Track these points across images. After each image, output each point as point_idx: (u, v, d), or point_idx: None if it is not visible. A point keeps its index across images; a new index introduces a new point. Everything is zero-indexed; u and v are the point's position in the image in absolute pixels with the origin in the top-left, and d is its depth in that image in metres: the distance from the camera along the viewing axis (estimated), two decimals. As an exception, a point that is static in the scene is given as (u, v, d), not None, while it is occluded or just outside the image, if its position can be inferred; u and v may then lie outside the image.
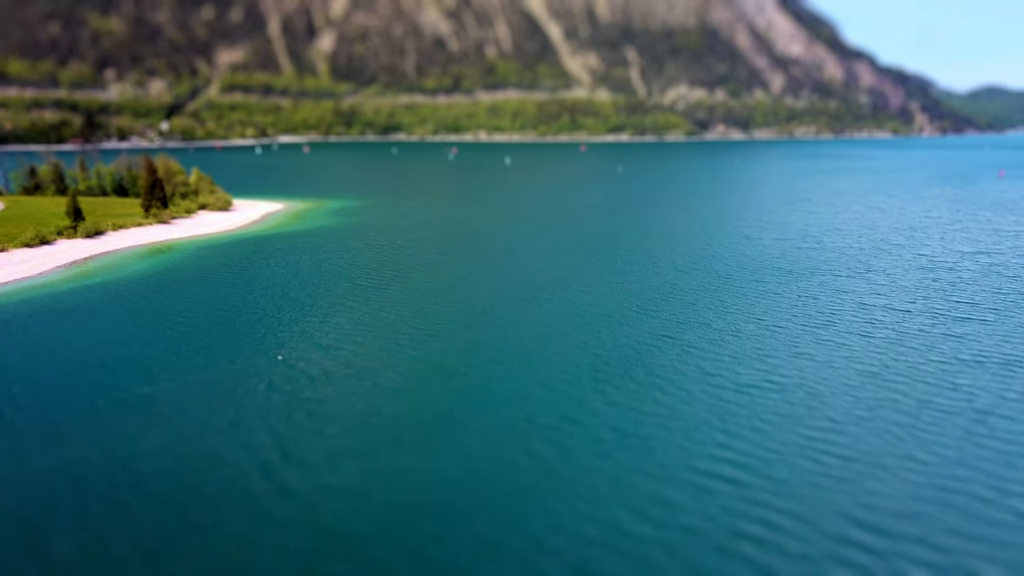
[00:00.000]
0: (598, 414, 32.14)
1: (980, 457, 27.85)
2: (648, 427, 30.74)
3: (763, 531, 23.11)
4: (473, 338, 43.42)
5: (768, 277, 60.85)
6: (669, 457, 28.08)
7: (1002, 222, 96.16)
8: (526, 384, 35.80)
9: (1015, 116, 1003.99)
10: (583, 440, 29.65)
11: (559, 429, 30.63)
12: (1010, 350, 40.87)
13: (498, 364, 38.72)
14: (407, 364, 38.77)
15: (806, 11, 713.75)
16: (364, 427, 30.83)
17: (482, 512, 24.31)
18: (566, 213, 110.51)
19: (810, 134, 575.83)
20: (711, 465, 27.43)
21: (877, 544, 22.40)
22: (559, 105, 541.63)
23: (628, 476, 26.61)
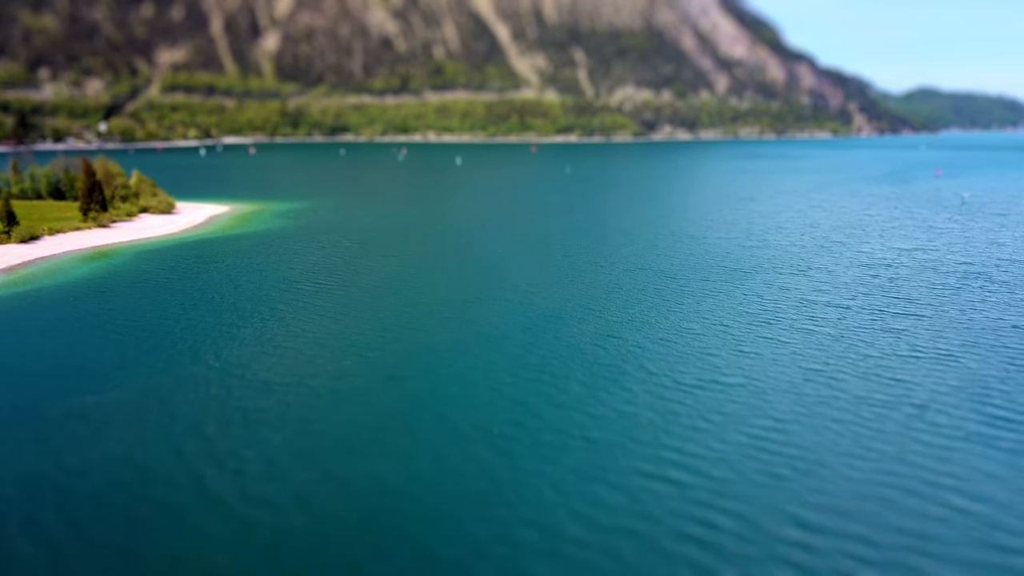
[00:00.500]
0: (542, 417, 32.07)
1: (916, 452, 28.57)
2: (592, 429, 30.78)
3: (705, 532, 23.23)
4: (417, 342, 43.02)
5: (713, 276, 61.74)
6: (613, 459, 28.12)
7: (937, 219, 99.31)
8: (471, 388, 35.56)
9: (948, 117, 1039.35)
10: (527, 444, 29.53)
11: (503, 433, 30.45)
12: (943, 344, 42.14)
13: (442, 367, 38.41)
14: (350, 369, 38.16)
15: (749, 14, 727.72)
16: (305, 436, 30.16)
17: (424, 520, 23.97)
18: (515, 214, 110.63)
19: (754, 134, 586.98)
20: (655, 466, 27.56)
21: (817, 542, 22.68)
22: (508, 106, 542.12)
23: (572, 479, 26.57)
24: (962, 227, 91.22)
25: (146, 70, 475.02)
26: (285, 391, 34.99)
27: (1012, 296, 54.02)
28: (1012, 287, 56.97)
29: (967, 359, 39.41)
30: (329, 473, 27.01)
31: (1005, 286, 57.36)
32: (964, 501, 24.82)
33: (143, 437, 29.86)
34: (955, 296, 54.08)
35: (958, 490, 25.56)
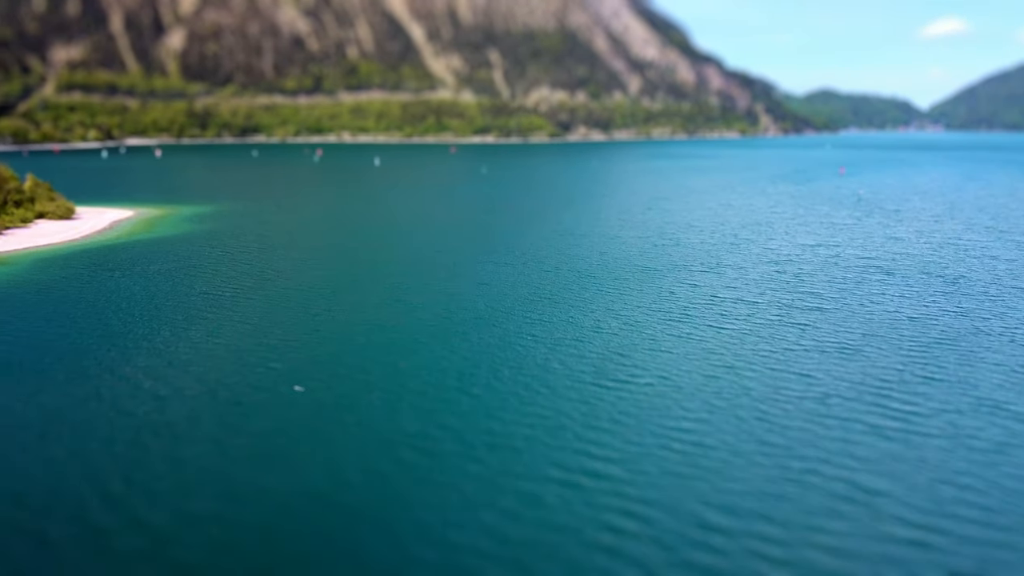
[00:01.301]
0: (467, 418, 32.10)
1: (824, 438, 29.87)
2: (517, 428, 30.98)
3: (630, 524, 23.78)
4: (332, 348, 42.37)
5: (628, 275, 63.00)
6: (537, 457, 28.41)
7: (838, 216, 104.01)
8: (394, 393, 35.26)
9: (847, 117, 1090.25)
10: (452, 446, 29.50)
11: (428, 436, 30.34)
12: (845, 337, 44.18)
13: (357, 375, 37.91)
14: (267, 378, 37.25)
15: (659, 16, 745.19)
16: (220, 448, 29.29)
17: (350, 528, 23.68)
18: (434, 215, 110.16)
19: (666, 135, 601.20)
20: (578, 461, 27.98)
21: (736, 527, 23.51)
22: (424, 106, 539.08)
23: (498, 479, 26.71)
24: (861, 223, 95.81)
25: (39, 68, 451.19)
26: (195, 403, 33.87)
27: (908, 288, 57.06)
28: (908, 280, 60.18)
29: (868, 351, 41.41)
30: (248, 485, 26.31)
31: (902, 279, 60.54)
32: (865, 490, 26.04)
33: (46, 454, 28.42)
34: (856, 290, 56.76)
35: (859, 480, 26.82)
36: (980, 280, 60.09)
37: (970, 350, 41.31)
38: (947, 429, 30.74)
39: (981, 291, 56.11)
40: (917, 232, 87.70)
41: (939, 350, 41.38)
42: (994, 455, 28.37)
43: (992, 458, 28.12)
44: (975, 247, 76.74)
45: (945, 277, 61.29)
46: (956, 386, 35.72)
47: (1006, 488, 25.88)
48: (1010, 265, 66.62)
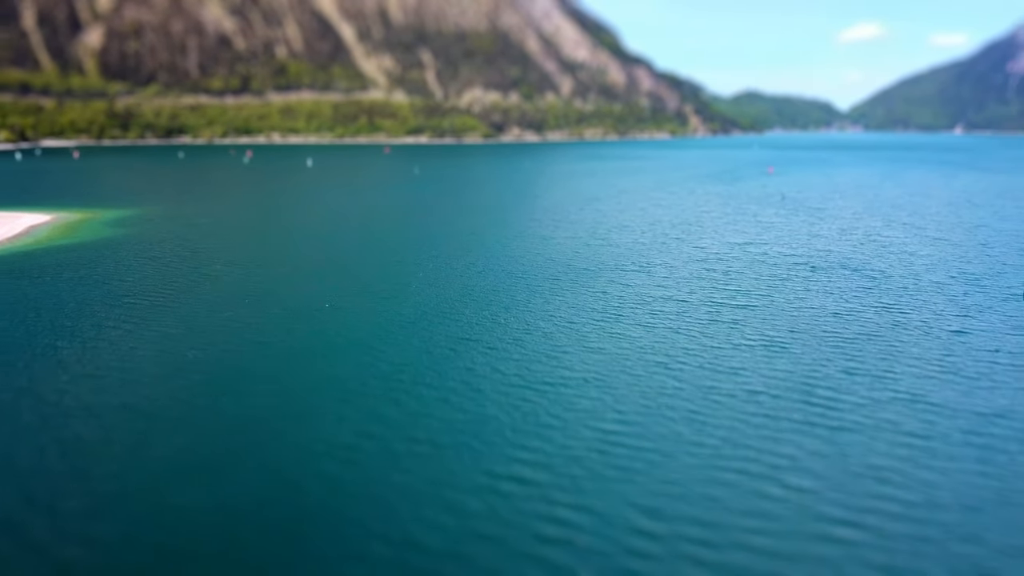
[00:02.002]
0: (392, 425, 31.34)
1: (752, 436, 30.22)
2: (443, 434, 30.40)
3: (558, 530, 23.45)
4: (260, 355, 41.02)
5: (561, 275, 63.08)
6: (464, 464, 27.89)
7: (765, 215, 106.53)
8: (316, 401, 34.24)
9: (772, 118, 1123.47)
10: (375, 454, 28.75)
11: (351, 446, 29.46)
12: (773, 333, 45.01)
13: (287, 381, 36.76)
14: (186, 389, 35.73)
15: (589, 18, 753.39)
16: (133, 465, 27.81)
17: (267, 544, 22.69)
18: (366, 217, 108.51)
19: (598, 135, 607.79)
20: (506, 467, 27.60)
21: (665, 530, 23.45)
22: (356, 106, 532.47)
23: (423, 487, 26.10)
24: (786, 221, 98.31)
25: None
26: (111, 417, 32.24)
27: (832, 285, 58.61)
28: (831, 276, 61.84)
29: (794, 347, 42.25)
30: (160, 504, 25.06)
31: (826, 275, 62.19)
32: (791, 488, 26.40)
33: (-59, 480, 26.55)
34: (782, 287, 58.02)
35: (786, 477, 27.17)
36: (898, 275, 62.17)
37: (890, 344, 42.55)
38: (869, 422, 31.47)
39: (900, 286, 58.03)
40: (839, 230, 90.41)
41: (861, 344, 42.50)
42: (913, 446, 29.13)
43: (911, 450, 28.87)
44: (893, 243, 79.49)
45: (866, 273, 63.22)
46: (877, 379, 36.67)
47: (925, 480, 26.56)
48: (926, 260, 69.18)
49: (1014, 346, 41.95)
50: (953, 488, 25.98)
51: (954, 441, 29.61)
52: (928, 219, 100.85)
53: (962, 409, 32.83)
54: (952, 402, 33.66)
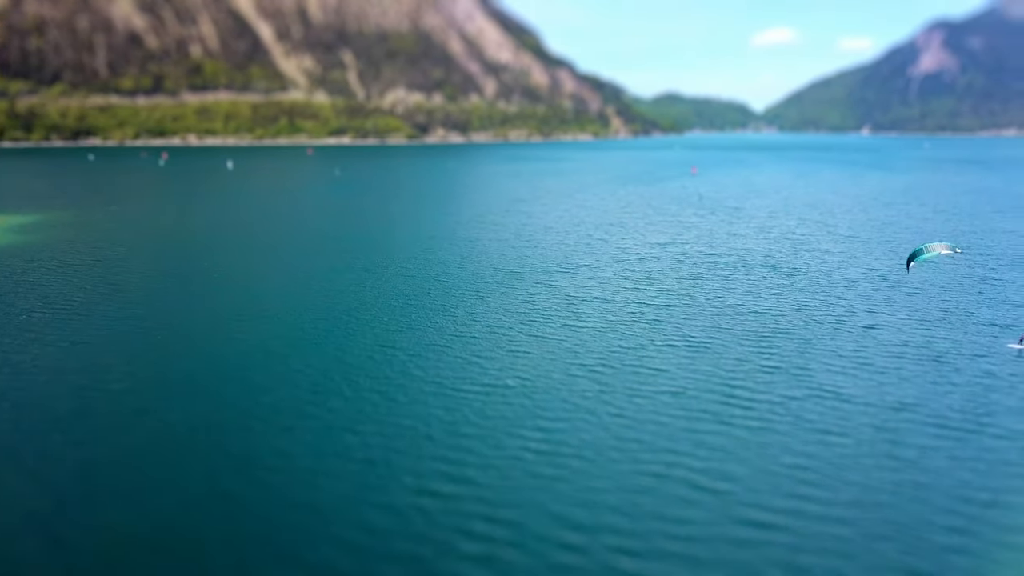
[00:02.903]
0: (303, 440, 30.29)
1: (677, 432, 30.47)
2: (374, 440, 29.55)
3: (491, 529, 23.05)
4: (181, 364, 39.27)
5: (487, 278, 62.79)
6: (396, 469, 27.20)
7: (685, 215, 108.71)
8: (244, 410, 32.89)
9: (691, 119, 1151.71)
10: (307, 462, 27.76)
11: (282, 453, 28.36)
12: (693, 332, 45.73)
13: (212, 390, 35.24)
14: (101, 402, 33.85)
15: (512, 20, 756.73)
16: (30, 489, 26.11)
17: (196, 559, 21.63)
18: (287, 219, 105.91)
19: (523, 137, 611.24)
20: (438, 470, 27.06)
21: (597, 525, 23.38)
22: (276, 107, 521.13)
23: (335, 505, 25.21)
24: (705, 221, 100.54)
25: None
26: (10, 436, 30.27)
27: (750, 283, 60.03)
28: (749, 274, 63.37)
29: (714, 344, 42.99)
30: (67, 526, 23.58)
31: (744, 274, 63.69)
32: (716, 481, 26.72)
33: None
34: (702, 286, 59.13)
35: (710, 471, 27.50)
36: (812, 272, 64.17)
37: (805, 340, 43.74)
38: (786, 419, 32.18)
39: (814, 283, 59.87)
40: (756, 229, 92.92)
41: (778, 341, 43.55)
42: (827, 442, 29.89)
43: (826, 445, 29.61)
44: (807, 241, 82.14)
45: (782, 271, 65.04)
46: (793, 376, 37.59)
47: (839, 475, 27.23)
48: (838, 258, 71.67)
49: (921, 339, 43.70)
50: (865, 482, 26.72)
51: (866, 435, 30.52)
52: (839, 217, 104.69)
53: (873, 403, 33.93)
54: (864, 396, 34.75)
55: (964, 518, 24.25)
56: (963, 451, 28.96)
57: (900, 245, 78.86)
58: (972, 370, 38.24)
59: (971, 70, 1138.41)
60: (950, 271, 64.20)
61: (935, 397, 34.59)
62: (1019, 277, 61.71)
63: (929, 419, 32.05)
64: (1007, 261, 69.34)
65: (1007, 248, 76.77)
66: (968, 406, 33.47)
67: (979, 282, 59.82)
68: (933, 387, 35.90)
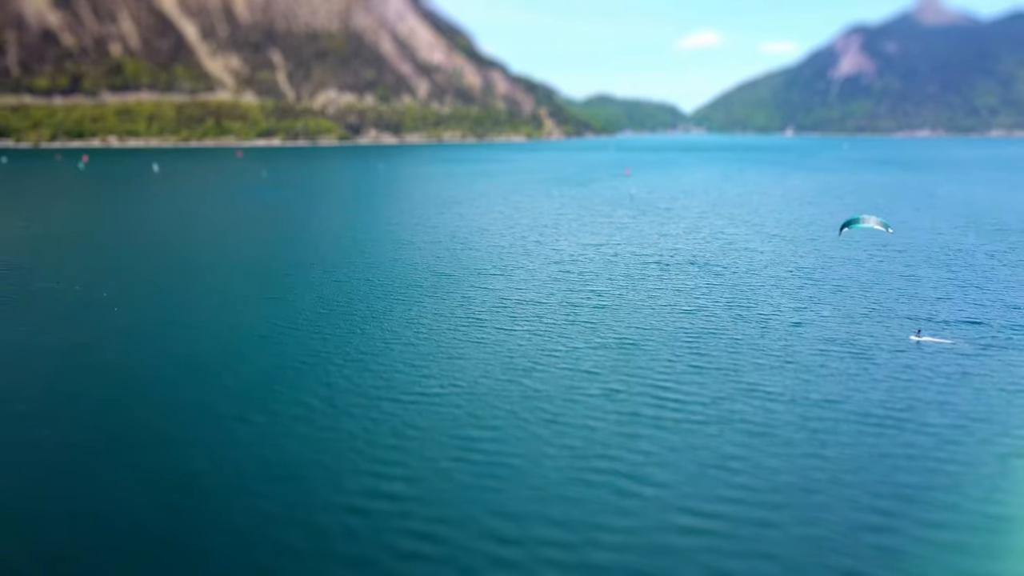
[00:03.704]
0: (241, 448, 29.61)
1: (610, 434, 30.84)
2: (297, 454, 28.99)
3: (418, 545, 22.87)
4: (96, 378, 37.92)
5: (421, 281, 62.48)
6: (321, 484, 26.71)
7: (617, 216, 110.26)
8: (160, 426, 31.85)
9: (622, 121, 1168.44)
10: (225, 480, 27.07)
11: (199, 473, 27.54)
12: (626, 332, 46.44)
13: (123, 407, 34.11)
14: (3, 421, 32.51)
15: (444, 21, 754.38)
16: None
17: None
18: (211, 225, 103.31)
19: (457, 138, 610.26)
20: (365, 484, 26.67)
21: (528, 535, 23.39)
22: (202, 108, 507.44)
23: (276, 511, 24.68)
24: (637, 222, 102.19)
25: None
26: (-83, 460, 28.76)
27: (681, 282, 61.29)
28: (680, 274, 64.68)
29: (647, 345, 43.75)
30: (-22, 555, 22.53)
31: (675, 273, 64.99)
32: (647, 484, 27.22)
33: None
34: (635, 286, 60.10)
35: (642, 474, 27.98)
36: (741, 271, 65.90)
37: (734, 338, 44.91)
38: (717, 415, 32.99)
39: (742, 281, 61.49)
40: (686, 228, 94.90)
41: (709, 339, 44.60)
42: (756, 435, 30.78)
43: (755, 438, 30.48)
44: (736, 240, 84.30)
45: (712, 270, 66.60)
46: (723, 373, 38.56)
47: (768, 467, 28.08)
48: (765, 256, 73.78)
49: (844, 335, 45.35)
50: (793, 472, 27.61)
51: (792, 428, 31.54)
52: (765, 217, 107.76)
53: (798, 399, 35.07)
54: (789, 393, 35.88)
55: (886, 510, 25.29)
56: (883, 445, 30.19)
57: (823, 244, 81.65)
58: (892, 364, 39.89)
59: (887, 73, 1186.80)
60: (871, 267, 66.80)
61: (857, 392, 35.96)
62: (934, 273, 64.62)
63: (851, 414, 33.30)
64: (923, 258, 72.52)
65: (923, 245, 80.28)
66: (888, 400, 34.90)
67: (898, 278, 62.40)
68: (854, 382, 37.32)
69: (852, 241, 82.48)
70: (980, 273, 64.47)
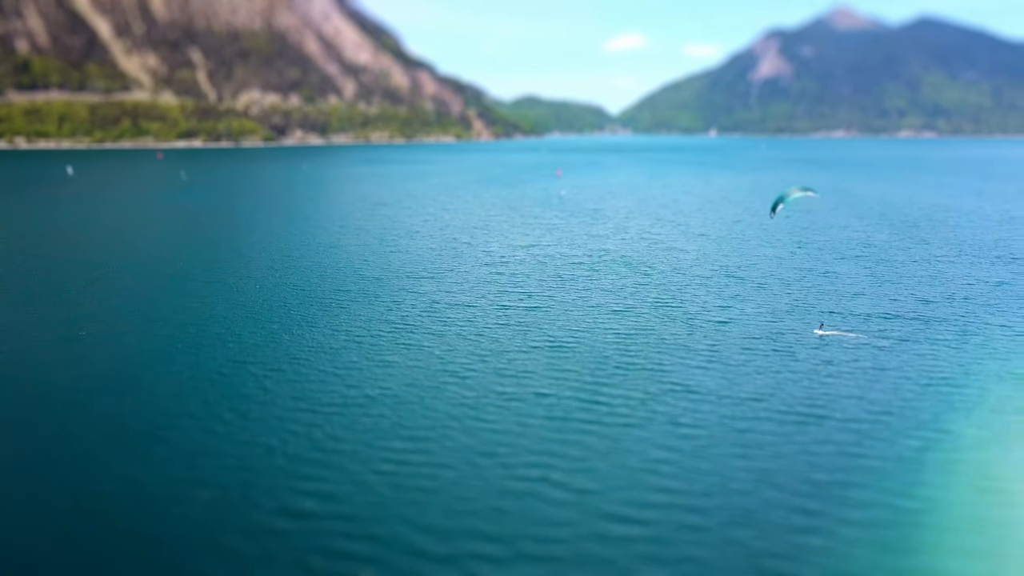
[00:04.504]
0: (153, 466, 28.18)
1: (540, 439, 30.58)
2: (211, 472, 27.73)
3: (338, 566, 22.36)
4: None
5: (349, 286, 61.29)
6: (231, 503, 25.55)
7: (547, 217, 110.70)
8: (58, 443, 30.18)
9: (550, 122, 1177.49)
10: (125, 502, 25.77)
11: (97, 493, 26.10)
12: (557, 334, 46.41)
13: (29, 426, 32.22)
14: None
15: (370, 21, 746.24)
16: None
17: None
18: (125, 229, 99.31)
19: (385, 139, 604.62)
20: (278, 502, 25.66)
21: (454, 550, 23.01)
22: (117, 108, 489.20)
23: (188, 533, 23.60)
24: (567, 223, 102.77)
25: None
26: None
27: (610, 283, 61.75)
28: (609, 275, 65.19)
29: (578, 346, 43.82)
30: None
31: (604, 274, 65.45)
32: (578, 490, 27.10)
33: None
34: (565, 287, 60.25)
35: (572, 480, 27.86)
36: (667, 271, 66.85)
37: (662, 338, 45.41)
38: (646, 414, 33.17)
39: (669, 280, 62.36)
40: (614, 229, 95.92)
41: (637, 338, 44.97)
42: (684, 436, 31.06)
43: (682, 439, 30.74)
44: (663, 240, 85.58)
45: (640, 270, 67.36)
46: (652, 373, 38.88)
47: (695, 467, 28.32)
48: (691, 256, 75.09)
49: (767, 332, 46.37)
50: (719, 473, 27.92)
51: (718, 427, 31.94)
52: (690, 216, 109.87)
53: (725, 395, 35.60)
54: (716, 389, 36.40)
55: (810, 509, 25.77)
56: (806, 442, 30.84)
57: (746, 242, 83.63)
58: (813, 360, 40.92)
59: (804, 76, 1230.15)
60: (793, 264, 68.66)
61: (780, 389, 36.72)
62: (849, 268, 66.81)
63: (774, 411, 33.96)
64: (841, 254, 74.98)
65: (838, 242, 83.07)
66: (809, 396, 35.74)
67: (818, 276, 64.28)
68: (777, 379, 38.12)
69: (773, 238, 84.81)
70: (893, 268, 67.02)
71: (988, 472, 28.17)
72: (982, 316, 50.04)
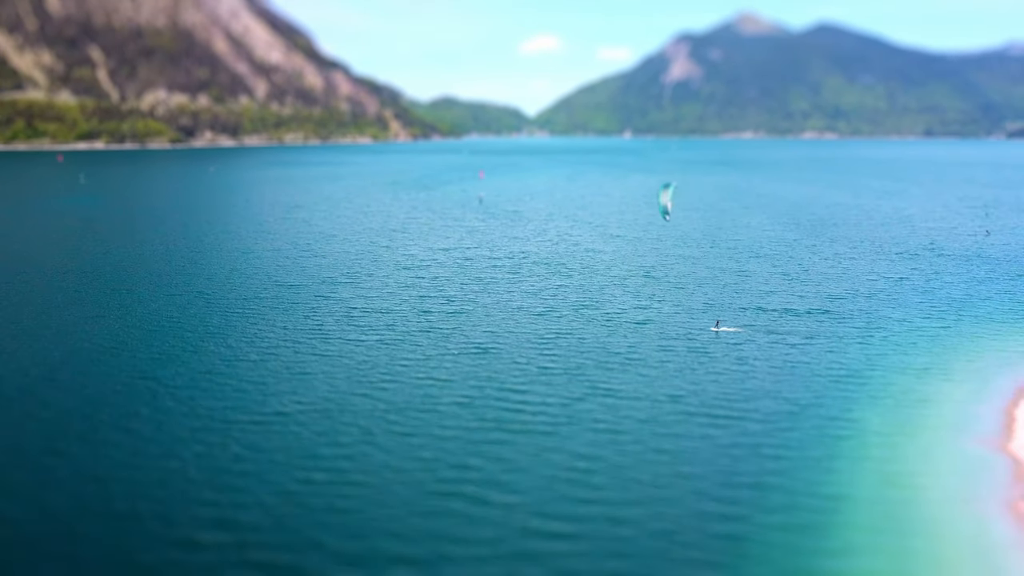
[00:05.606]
0: (56, 486, 26.53)
1: (463, 442, 30.29)
2: (123, 487, 26.41)
3: None
4: None
5: (263, 292, 59.44)
6: (148, 519, 24.39)
7: (467, 219, 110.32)
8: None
9: (468, 123, 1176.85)
10: (36, 524, 24.20)
11: (4, 518, 24.70)
12: (479, 338, 46.15)
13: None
14: None
15: (281, 20, 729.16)
16: None
17: None
18: (17, 237, 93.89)
19: (299, 140, 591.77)
20: (195, 514, 24.65)
21: (373, 556, 22.58)
22: (9, 108, 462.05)
23: (101, 556, 22.42)
24: (487, 225, 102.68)
25: None
26: None
27: (530, 285, 61.88)
28: (530, 277, 65.34)
29: (500, 350, 43.67)
30: None
31: (524, 277, 65.55)
32: (501, 492, 26.90)
33: None
34: (487, 290, 60.05)
35: (495, 487, 27.62)
36: (587, 272, 67.50)
37: (581, 339, 45.73)
38: (567, 418, 33.27)
39: (588, 282, 62.96)
40: (533, 231, 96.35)
41: (558, 341, 45.15)
42: (604, 437, 31.28)
43: (603, 440, 30.95)
44: (581, 242, 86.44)
45: (560, 272, 67.78)
46: (572, 375, 39.06)
47: (617, 468, 28.53)
48: (609, 257, 76.08)
49: (682, 331, 47.28)
50: (640, 469, 28.20)
51: (638, 429, 32.28)
52: (607, 218, 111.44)
53: (643, 397, 36.06)
54: (635, 391, 36.83)
55: (729, 499, 26.29)
56: (722, 436, 31.51)
57: (661, 242, 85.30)
58: (728, 357, 41.93)
59: (714, 79, 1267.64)
60: (707, 264, 70.36)
61: (697, 386, 37.45)
62: (761, 267, 68.95)
63: (692, 407, 34.59)
64: (752, 254, 77.31)
65: (750, 241, 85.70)
66: (725, 392, 36.57)
67: (731, 274, 66.05)
68: (694, 376, 38.89)
69: (688, 238, 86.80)
70: (801, 265, 69.51)
71: (892, 461, 29.38)
72: (884, 311, 52.39)
